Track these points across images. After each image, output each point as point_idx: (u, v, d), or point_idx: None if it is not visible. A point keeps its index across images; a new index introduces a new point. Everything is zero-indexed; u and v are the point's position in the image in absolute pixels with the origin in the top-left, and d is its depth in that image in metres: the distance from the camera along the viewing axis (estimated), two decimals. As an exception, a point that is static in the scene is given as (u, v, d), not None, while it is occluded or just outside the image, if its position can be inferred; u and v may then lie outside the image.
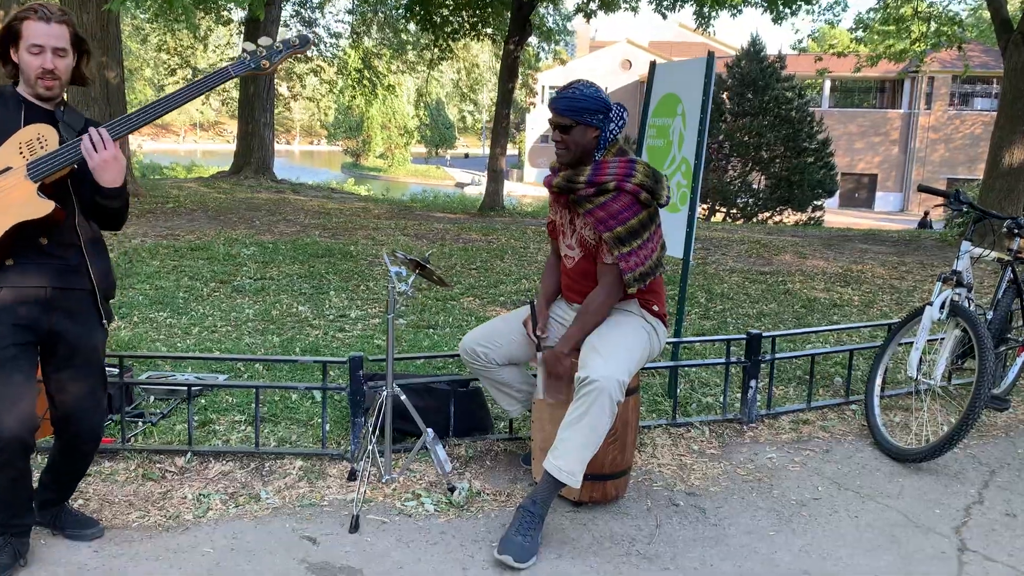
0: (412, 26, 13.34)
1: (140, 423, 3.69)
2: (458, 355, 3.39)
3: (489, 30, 14.73)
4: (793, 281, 7.63)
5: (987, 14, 15.42)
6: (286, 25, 20.21)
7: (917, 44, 14.52)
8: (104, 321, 2.58)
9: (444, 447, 3.21)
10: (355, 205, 14.14)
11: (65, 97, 2.52)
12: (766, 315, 6.21)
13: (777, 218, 22.49)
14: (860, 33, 15.52)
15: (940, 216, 27.56)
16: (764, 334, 3.93)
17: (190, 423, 3.42)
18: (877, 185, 42.46)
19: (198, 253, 7.69)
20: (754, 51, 22.59)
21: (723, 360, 3.94)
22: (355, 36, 20.57)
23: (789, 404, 4.22)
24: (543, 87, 42.06)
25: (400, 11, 16.30)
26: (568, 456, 2.78)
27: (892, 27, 14.54)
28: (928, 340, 3.72)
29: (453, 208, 15.10)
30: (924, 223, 26.17)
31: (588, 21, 12.84)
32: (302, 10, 20.59)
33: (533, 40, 15.73)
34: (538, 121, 49.43)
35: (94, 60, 10.59)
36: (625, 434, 3.08)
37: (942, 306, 3.62)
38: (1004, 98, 10.18)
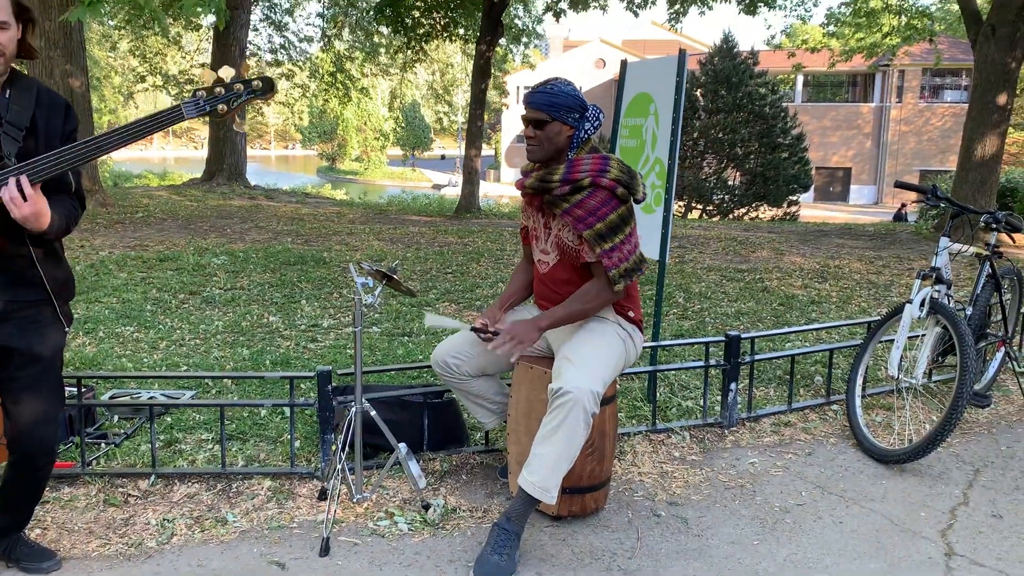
0: (384, 29, 13.17)
1: (103, 445, 3.56)
2: (431, 366, 3.29)
3: (460, 31, 14.63)
4: (771, 278, 7.59)
5: (955, 7, 15.51)
6: (255, 30, 20.02)
7: (889, 38, 14.58)
8: (66, 328, 2.46)
9: (418, 462, 3.11)
10: (329, 210, 13.99)
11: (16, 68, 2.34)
12: (744, 314, 6.16)
13: (753, 214, 22.54)
14: (832, 28, 15.57)
15: (915, 209, 27.81)
16: (743, 335, 3.86)
17: (153, 444, 3.29)
18: (851, 178, 42.77)
19: (167, 264, 7.53)
20: (727, 48, 22.62)
21: (702, 363, 3.87)
22: (326, 40, 20.38)
23: (770, 406, 4.15)
24: (516, 87, 42.00)
25: (371, 14, 16.15)
26: (542, 472, 2.69)
27: (863, 20, 14.59)
28: (907, 337, 3.67)
29: (429, 211, 14.98)
30: (899, 216, 26.37)
31: (558, 20, 12.80)
32: (272, 14, 20.38)
33: (502, 41, 15.63)
34: (514, 122, 49.37)
35: (58, 68, 10.31)
36: (603, 445, 3.00)
37: (922, 304, 3.56)
38: (975, 91, 10.21)
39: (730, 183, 22.83)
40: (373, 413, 2.96)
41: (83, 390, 3.38)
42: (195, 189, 16.19)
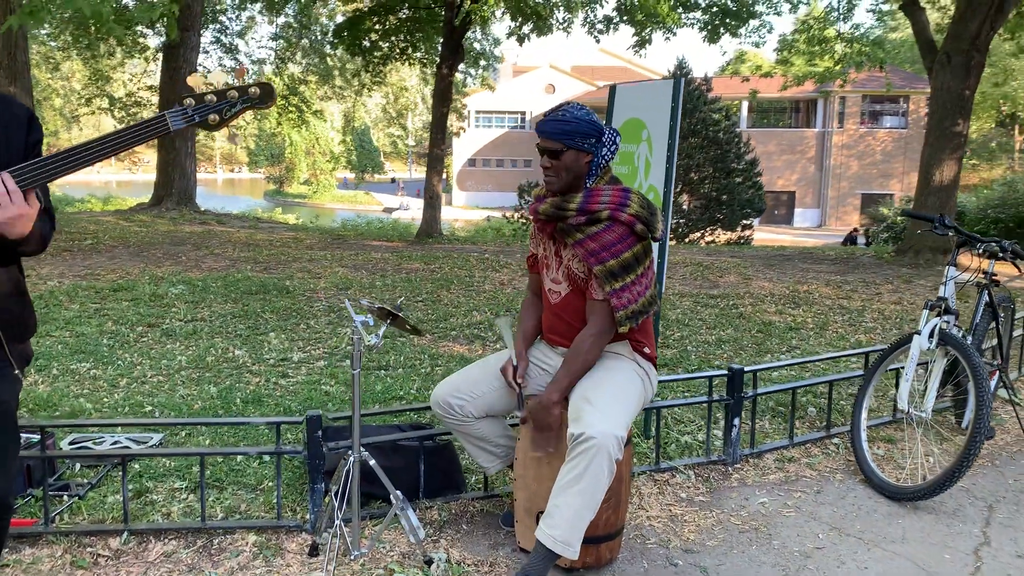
0: (340, 51, 12.93)
1: (65, 497, 3.26)
2: (429, 407, 3.08)
3: (419, 55, 14.48)
4: (744, 304, 7.53)
5: (896, 35, 15.94)
6: (205, 52, 19.59)
7: (840, 64, 14.84)
8: (16, 371, 2.15)
9: (415, 510, 2.89)
10: (285, 235, 13.64)
11: None
12: (725, 341, 6.06)
13: (709, 237, 22.73)
14: (784, 54, 15.81)
15: (862, 232, 28.37)
16: (746, 368, 3.73)
17: (125, 497, 3.01)
18: (795, 202, 43.62)
19: (121, 294, 7.17)
20: (681, 74, 22.88)
21: (706, 398, 3.72)
22: (279, 62, 20.04)
23: (770, 440, 4.02)
24: (470, 111, 41.96)
25: (327, 37, 15.91)
26: (564, 525, 2.49)
27: (816, 48, 14.83)
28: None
29: (388, 236, 14.71)
30: (851, 239, 26.90)
31: (521, 44, 12.74)
32: (222, 36, 19.99)
33: (462, 65, 15.52)
34: (465, 145, 49.38)
35: (1, 88, 9.84)
36: (619, 491, 2.81)
37: (931, 335, 3.47)
38: (932, 118, 10.39)
39: (684, 207, 23.01)
40: (372, 462, 2.73)
41: (44, 438, 3.09)
42: (143, 214, 15.69)
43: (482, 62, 19.47)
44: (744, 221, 22.55)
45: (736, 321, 6.76)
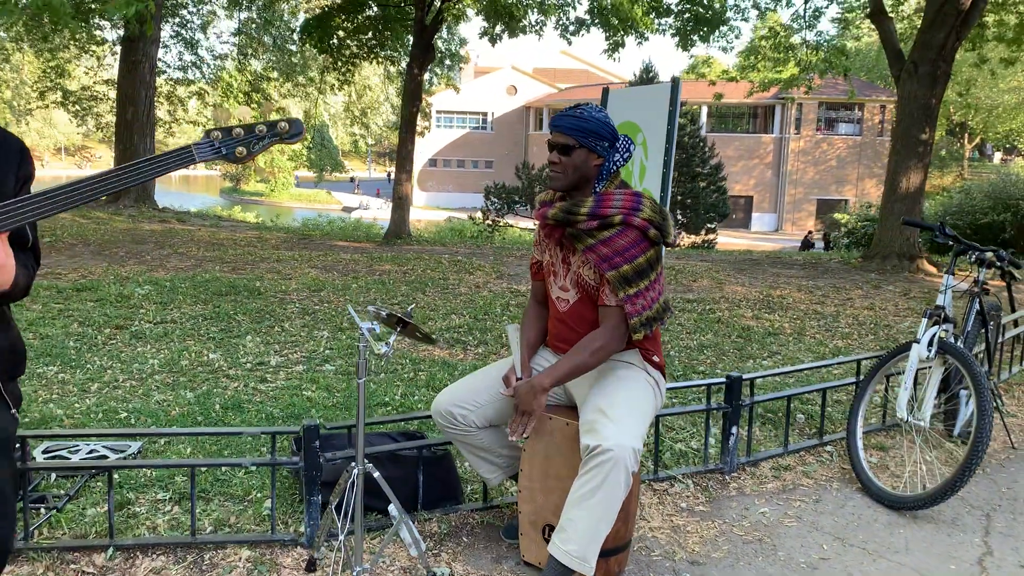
0: (305, 48, 12.74)
1: (43, 510, 3.10)
2: (431, 416, 2.99)
3: (387, 53, 14.31)
4: (720, 309, 7.54)
5: (852, 44, 16.30)
6: (165, 46, 19.16)
7: (804, 71, 15.02)
8: (13, 411, 2.02)
9: (414, 522, 2.80)
10: (248, 234, 13.37)
11: None
12: (707, 347, 6.04)
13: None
14: (750, 60, 15.96)
15: (819, 237, 28.85)
16: (744, 376, 3.69)
17: (111, 510, 2.86)
18: (753, 206, 44.20)
19: (86, 295, 6.92)
20: (647, 78, 23.01)
21: (704, 406, 3.68)
22: (242, 58, 19.69)
23: (763, 448, 4.00)
24: (433, 111, 41.72)
25: (294, 34, 15.65)
26: (579, 539, 2.42)
27: (781, 55, 15.00)
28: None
29: (356, 236, 14.51)
30: (807, 243, 27.32)
31: (493, 45, 12.67)
32: (183, 31, 19.56)
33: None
34: (426, 145, 49.09)
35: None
36: (629, 503, 2.74)
37: (930, 343, 3.47)
38: (899, 126, 10.54)
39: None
40: (377, 475, 2.63)
41: (21, 449, 2.93)
42: (100, 211, 15.26)
43: (447, 62, 19.35)
44: (708, 225, 22.74)
45: (715, 326, 6.76)
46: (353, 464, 2.60)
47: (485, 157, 53.28)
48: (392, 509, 2.98)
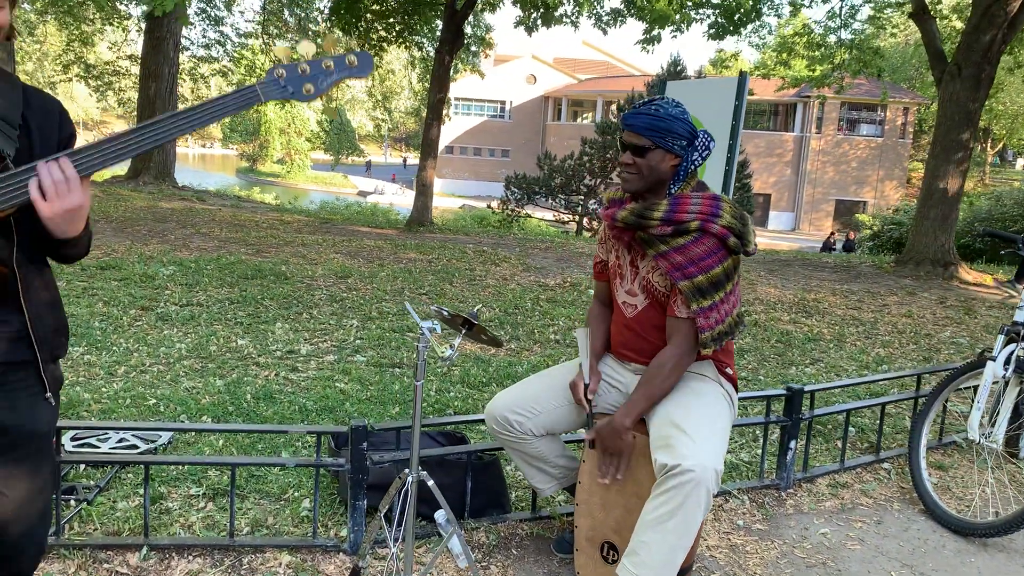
0: (338, 33, 12.59)
1: (73, 502, 2.96)
2: (483, 420, 2.83)
3: (417, 38, 14.12)
4: (756, 311, 7.35)
5: (882, 44, 16.08)
6: (190, 23, 18.98)
7: (838, 70, 14.74)
8: (49, 395, 1.86)
9: (462, 533, 2.65)
10: (269, 216, 13.23)
11: None
12: (747, 351, 5.86)
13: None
14: (783, 56, 15.69)
15: (839, 238, 28.51)
16: (804, 388, 3.52)
17: (146, 508, 2.72)
18: (771, 204, 43.81)
19: (110, 273, 6.79)
20: (675, 71, 22.72)
21: (763, 419, 3.50)
22: (266, 37, 19.51)
23: (817, 463, 3.82)
24: (451, 98, 41.47)
25: (320, 15, 15.44)
26: (653, 565, 2.26)
27: (816, 53, 14.72)
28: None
29: (377, 222, 14.36)
30: (827, 246, 27.00)
31: (530, 35, 12.45)
32: (208, 8, 19.38)
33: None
34: (444, 131, 48.79)
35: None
36: (696, 523, 2.59)
37: (1006, 362, 3.29)
38: (938, 128, 10.28)
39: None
40: (431, 483, 2.47)
41: (59, 443, 2.79)
42: (120, 187, 15.14)
43: (472, 48, 19.11)
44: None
45: (753, 330, 6.58)
46: (407, 470, 2.44)
47: (502, 146, 52.98)
48: (440, 517, 2.83)
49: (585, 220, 24.12)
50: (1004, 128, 43.91)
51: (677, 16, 11.43)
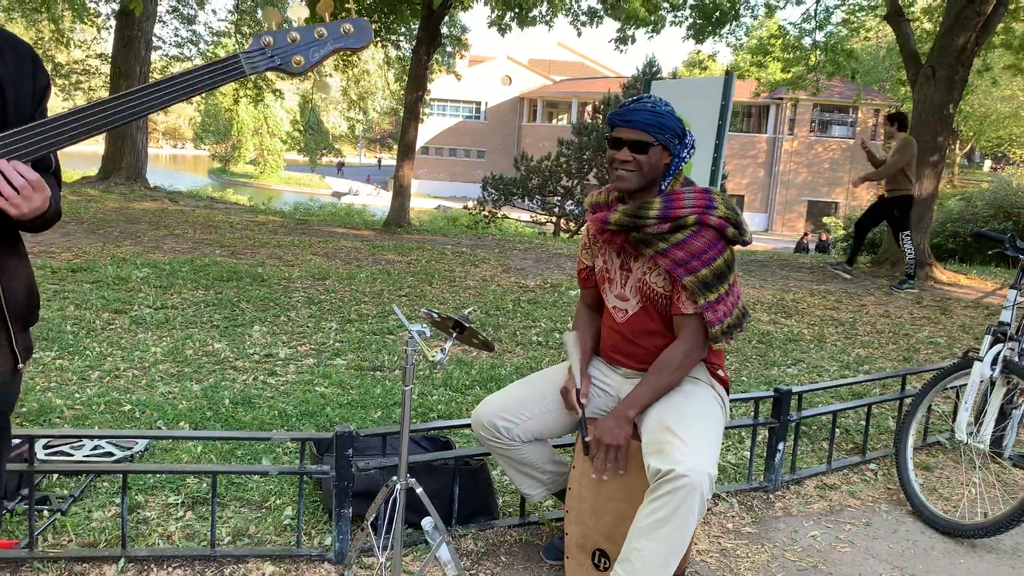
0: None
1: (46, 512, 2.86)
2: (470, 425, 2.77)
3: (393, 38, 14.00)
4: (735, 312, 7.34)
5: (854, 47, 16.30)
6: (162, 21, 18.72)
7: (813, 72, 14.85)
8: (19, 364, 1.75)
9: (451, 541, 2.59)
10: (243, 217, 13.05)
11: None
12: (729, 352, 5.84)
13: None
14: (756, 59, 15.78)
15: (812, 239, 28.77)
16: (792, 389, 3.50)
17: (124, 518, 2.63)
18: (744, 206, 44.12)
19: (81, 275, 6.65)
20: (651, 73, 22.76)
21: (751, 421, 3.48)
22: (239, 37, 19.28)
23: (807, 466, 3.81)
24: (428, 99, 41.31)
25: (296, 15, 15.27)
26: (648, 572, 2.21)
27: (790, 56, 14.82)
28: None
29: (354, 223, 14.22)
30: (801, 246, 27.20)
31: (503, 36, 12.40)
32: (180, 6, 19.13)
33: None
34: (420, 131, 48.63)
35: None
36: (689, 528, 2.55)
37: (993, 362, 3.29)
38: (912, 130, 10.36)
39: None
40: (420, 490, 2.41)
41: (26, 447, 2.70)
42: (91, 188, 14.87)
43: (448, 48, 19.03)
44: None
45: (732, 330, 6.56)
46: (395, 478, 2.38)
47: (478, 147, 52.91)
48: (427, 524, 2.76)
49: (562, 221, 24.10)
50: (972, 130, 44.55)
51: (652, 17, 11.44)
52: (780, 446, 3.45)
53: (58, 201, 1.73)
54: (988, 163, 55.79)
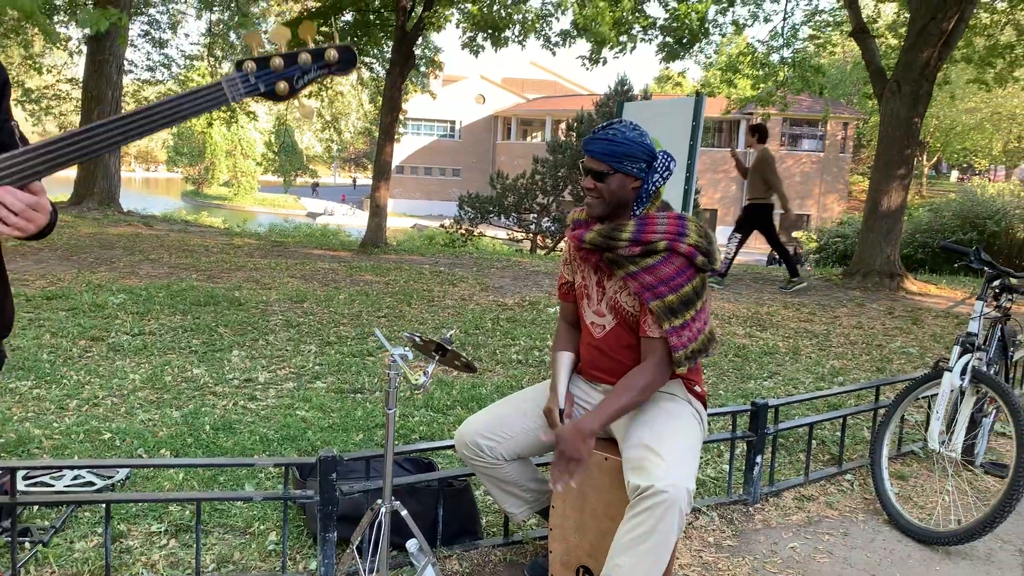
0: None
1: (28, 544, 2.85)
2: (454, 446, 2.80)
3: (367, 60, 14.06)
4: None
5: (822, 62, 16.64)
6: (134, 45, 18.65)
7: (781, 87, 15.08)
8: None
9: (436, 562, 2.61)
10: (218, 240, 13.00)
11: None
12: (706, 366, 5.91)
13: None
14: (728, 75, 16.01)
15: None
16: (769, 403, 3.56)
17: (107, 548, 2.63)
18: (717, 220, 44.53)
19: (57, 303, 6.60)
20: (623, 91, 22.99)
21: (729, 435, 3.54)
22: (212, 60, 19.26)
23: (785, 478, 3.87)
24: (403, 118, 41.43)
25: (267, 35, 15.31)
26: (631, 587, 2.25)
27: (759, 72, 15.05)
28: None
29: (331, 244, 14.19)
30: (772, 259, 27.48)
31: (476, 56, 12.50)
32: (152, 30, 19.09)
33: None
34: (395, 151, 48.73)
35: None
36: (670, 543, 2.59)
37: (963, 372, 3.37)
38: (880, 144, 10.57)
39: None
40: (405, 512, 2.44)
41: (7, 479, 2.69)
42: (64, 213, 14.74)
43: (422, 69, 19.12)
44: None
45: (709, 344, 6.64)
46: (379, 501, 2.41)
47: (453, 165, 53.09)
48: (412, 546, 2.79)
49: (539, 238, 24.22)
50: (939, 141, 45.37)
51: (624, 38, 11.59)
52: (758, 459, 3.51)
53: (55, 210, 1.75)
54: (955, 174, 56.77)
